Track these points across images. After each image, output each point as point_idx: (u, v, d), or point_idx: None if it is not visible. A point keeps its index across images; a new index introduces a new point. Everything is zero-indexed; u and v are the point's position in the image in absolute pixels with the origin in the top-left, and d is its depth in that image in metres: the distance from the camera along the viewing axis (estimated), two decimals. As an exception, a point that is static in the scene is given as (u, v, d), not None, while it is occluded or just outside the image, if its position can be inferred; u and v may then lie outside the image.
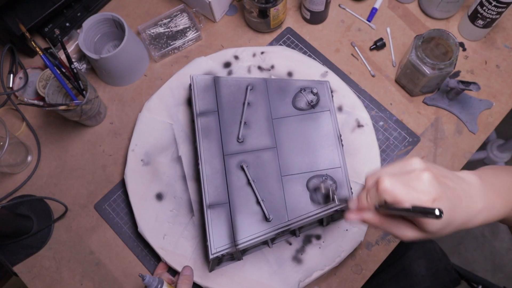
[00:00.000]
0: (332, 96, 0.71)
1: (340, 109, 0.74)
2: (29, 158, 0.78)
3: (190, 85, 0.74)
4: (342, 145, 0.67)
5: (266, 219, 0.62)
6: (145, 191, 0.72)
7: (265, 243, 0.67)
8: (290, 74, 0.77)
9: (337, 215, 0.67)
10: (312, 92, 0.69)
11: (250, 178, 0.63)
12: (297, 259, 0.68)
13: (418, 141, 0.75)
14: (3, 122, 0.70)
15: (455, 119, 0.77)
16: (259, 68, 0.78)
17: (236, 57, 0.78)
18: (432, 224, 0.39)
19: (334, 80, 0.76)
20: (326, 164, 0.65)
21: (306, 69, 0.77)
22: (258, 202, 0.63)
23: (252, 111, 0.68)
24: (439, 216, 0.36)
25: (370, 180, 0.43)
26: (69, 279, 0.72)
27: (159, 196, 0.71)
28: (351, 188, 0.64)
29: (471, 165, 1.61)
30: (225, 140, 0.66)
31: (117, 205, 0.75)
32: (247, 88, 0.69)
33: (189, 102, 0.75)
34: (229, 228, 0.61)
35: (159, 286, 0.58)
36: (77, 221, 0.75)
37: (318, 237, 0.68)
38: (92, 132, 0.79)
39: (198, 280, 0.67)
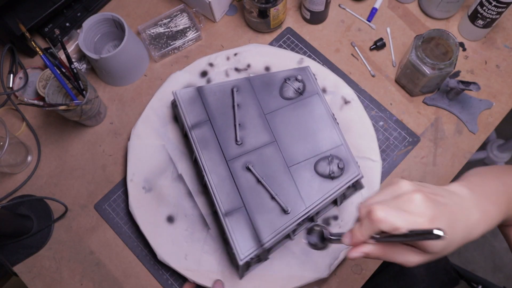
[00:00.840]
0: (316, 79, 0.71)
1: (324, 90, 0.75)
2: (29, 158, 0.78)
3: (172, 102, 0.73)
4: (337, 124, 0.68)
5: (284, 211, 0.62)
6: (155, 217, 0.70)
7: (287, 236, 0.67)
8: (267, 68, 0.78)
9: (349, 192, 0.69)
10: (297, 79, 0.69)
11: (258, 177, 0.63)
12: (315, 243, 0.68)
13: (418, 141, 0.75)
14: (3, 122, 0.70)
15: (455, 119, 0.77)
16: (236, 69, 0.78)
17: (211, 64, 0.78)
18: (434, 245, 0.38)
19: (311, 64, 0.77)
20: (328, 145, 0.66)
21: (282, 60, 0.78)
22: (272, 198, 0.63)
23: (244, 111, 0.68)
24: (441, 236, 0.35)
25: (362, 210, 0.42)
26: (69, 279, 0.72)
27: (170, 219, 0.70)
28: (357, 162, 0.65)
29: (471, 165, 1.61)
30: (224, 146, 0.66)
31: (117, 205, 0.75)
32: (232, 91, 0.69)
33: (176, 119, 0.74)
34: (251, 230, 0.61)
35: None
36: (77, 221, 0.75)
37: (336, 218, 0.70)
38: (92, 132, 0.79)
39: None
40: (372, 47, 0.81)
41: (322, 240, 0.48)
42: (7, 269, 0.72)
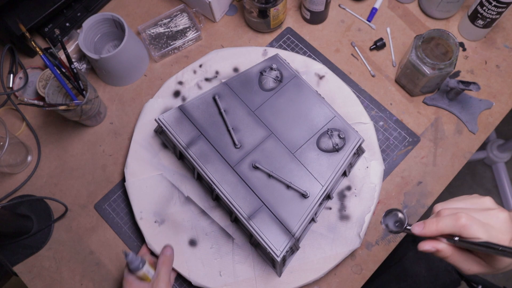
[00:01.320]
0: (289, 64, 0.72)
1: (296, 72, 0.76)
2: (29, 158, 0.78)
3: (156, 130, 0.74)
4: (323, 98, 0.69)
5: (304, 196, 0.63)
6: (177, 245, 0.69)
7: (311, 221, 0.68)
8: (236, 69, 0.78)
9: (354, 159, 0.71)
10: (272, 69, 0.70)
11: (268, 172, 0.64)
12: (344, 217, 0.69)
13: (418, 141, 0.75)
14: (3, 122, 0.70)
15: (455, 119, 0.77)
16: (207, 79, 0.78)
17: (180, 82, 0.77)
18: (504, 262, 0.42)
19: (276, 52, 0.78)
20: (322, 121, 0.67)
21: (246, 57, 0.78)
22: (288, 187, 0.63)
23: (232, 115, 0.68)
24: None
25: (445, 211, 0.45)
26: (69, 279, 0.72)
27: (192, 242, 0.69)
28: (354, 129, 0.67)
29: (471, 165, 1.61)
30: (225, 153, 0.65)
31: (117, 205, 0.75)
32: (215, 99, 0.68)
33: (165, 145, 0.73)
34: (278, 224, 0.61)
35: (140, 265, 0.59)
36: (77, 221, 0.75)
37: (349, 188, 0.71)
38: (92, 132, 0.79)
39: None
40: (372, 47, 0.81)
41: (398, 227, 0.50)
42: (7, 269, 0.72)
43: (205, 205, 0.70)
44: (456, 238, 0.43)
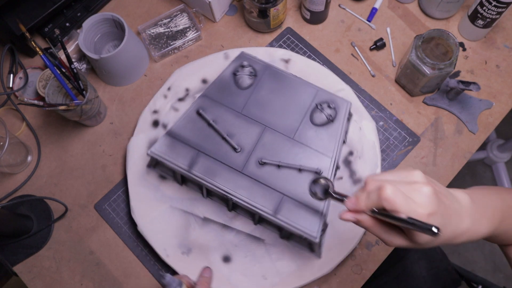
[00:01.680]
0: (256, 57, 0.73)
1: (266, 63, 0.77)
2: (29, 158, 0.78)
3: (149, 165, 0.72)
4: (299, 78, 0.71)
5: (317, 173, 0.64)
6: (212, 267, 0.67)
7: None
8: (204, 81, 0.77)
9: (347, 126, 0.73)
10: (243, 66, 0.71)
11: (276, 163, 0.64)
12: (356, 181, 0.71)
13: (418, 141, 0.75)
14: (3, 122, 0.70)
15: (455, 119, 0.77)
16: (180, 100, 0.77)
17: (155, 111, 0.76)
18: (423, 237, 0.41)
19: (237, 51, 0.78)
20: (308, 98, 0.69)
21: (210, 66, 0.78)
22: (300, 170, 0.64)
23: (222, 123, 0.67)
24: (436, 234, 0.37)
25: (371, 184, 0.44)
26: (69, 279, 0.72)
27: (226, 259, 0.68)
28: (339, 96, 0.69)
29: (471, 165, 1.61)
30: (229, 161, 0.65)
31: (117, 205, 0.75)
32: (199, 113, 0.68)
33: (163, 176, 0.72)
34: (304, 209, 0.62)
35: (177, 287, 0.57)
36: (77, 221, 0.75)
37: (351, 153, 0.72)
38: (92, 132, 0.79)
39: (321, 272, 0.67)
40: (372, 47, 0.81)
41: (325, 193, 0.50)
42: (7, 269, 0.72)
43: (224, 218, 0.69)
44: (374, 209, 0.43)
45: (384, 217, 0.42)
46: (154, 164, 0.71)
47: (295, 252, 0.68)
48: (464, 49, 0.81)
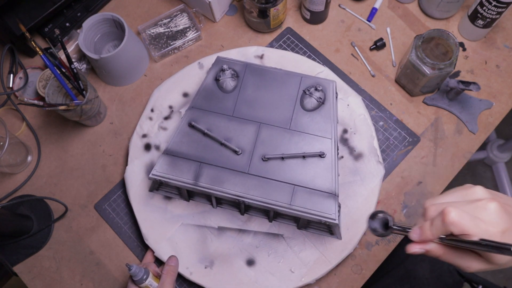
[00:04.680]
0: (232, 58, 0.74)
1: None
2: (29, 158, 0.78)
3: (151, 190, 0.71)
4: (280, 69, 0.72)
5: (321, 156, 0.65)
6: (239, 274, 0.68)
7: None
8: (185, 94, 0.77)
9: (337, 105, 0.73)
10: (224, 70, 0.70)
11: (280, 156, 0.65)
12: (357, 156, 0.73)
13: (418, 141, 0.75)
14: (3, 122, 0.70)
15: (455, 119, 0.77)
16: (166, 118, 0.75)
17: (144, 135, 0.75)
18: (501, 258, 0.38)
19: (210, 59, 0.79)
20: (294, 87, 0.70)
21: (188, 78, 0.78)
22: (304, 157, 0.65)
23: (216, 130, 0.67)
24: None
25: (431, 209, 0.42)
26: (69, 279, 0.72)
27: (250, 262, 0.68)
28: (323, 78, 0.70)
29: (471, 165, 1.61)
30: (233, 165, 0.65)
31: (117, 205, 0.75)
32: (192, 125, 0.68)
33: (168, 197, 0.71)
34: (316, 194, 0.63)
35: (144, 276, 0.59)
36: (77, 221, 0.75)
37: (345, 131, 0.74)
38: (92, 132, 0.79)
39: (345, 252, 0.68)
40: (372, 47, 0.81)
41: (385, 228, 0.48)
42: (7, 269, 0.72)
43: (238, 223, 0.69)
44: (443, 236, 0.40)
45: (454, 242, 0.40)
46: (157, 186, 0.71)
47: (315, 240, 0.68)
48: (464, 49, 0.81)
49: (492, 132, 1.45)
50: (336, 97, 0.72)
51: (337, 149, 0.70)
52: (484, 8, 0.72)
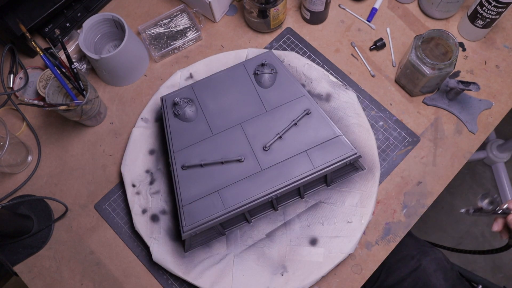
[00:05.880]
0: (181, 88, 0.73)
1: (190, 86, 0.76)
2: (29, 158, 0.78)
3: (187, 250, 0.69)
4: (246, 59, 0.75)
5: (309, 114, 0.68)
6: (312, 263, 0.67)
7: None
8: (151, 152, 0.75)
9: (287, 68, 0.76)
10: (176, 104, 0.68)
11: (276, 137, 0.66)
12: (326, 98, 0.76)
13: (418, 141, 0.76)
14: (4, 122, 0.70)
15: (455, 119, 0.77)
16: (151, 183, 0.73)
17: (145, 210, 0.72)
18: None
19: (194, 70, 0.80)
20: (244, 74, 0.71)
21: (143, 138, 0.76)
22: (296, 124, 0.67)
23: (210, 155, 0.66)
24: None
25: None
26: (69, 279, 0.72)
27: (314, 241, 0.69)
28: (265, 51, 0.72)
29: (471, 165, 1.61)
30: (246, 172, 0.65)
31: (117, 205, 0.75)
32: (185, 167, 0.66)
33: (206, 244, 0.70)
34: (326, 143, 0.66)
35: None
36: (77, 221, 0.75)
37: (304, 86, 0.76)
38: (92, 132, 0.80)
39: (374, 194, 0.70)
40: (372, 47, 0.81)
41: (492, 208, 0.53)
42: (7, 269, 0.72)
43: (280, 219, 0.70)
44: None
45: None
46: (190, 243, 0.68)
47: (346, 186, 0.71)
48: (464, 49, 0.81)
49: (491, 132, 1.46)
50: (283, 61, 0.75)
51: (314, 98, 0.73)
52: (484, 8, 0.72)
